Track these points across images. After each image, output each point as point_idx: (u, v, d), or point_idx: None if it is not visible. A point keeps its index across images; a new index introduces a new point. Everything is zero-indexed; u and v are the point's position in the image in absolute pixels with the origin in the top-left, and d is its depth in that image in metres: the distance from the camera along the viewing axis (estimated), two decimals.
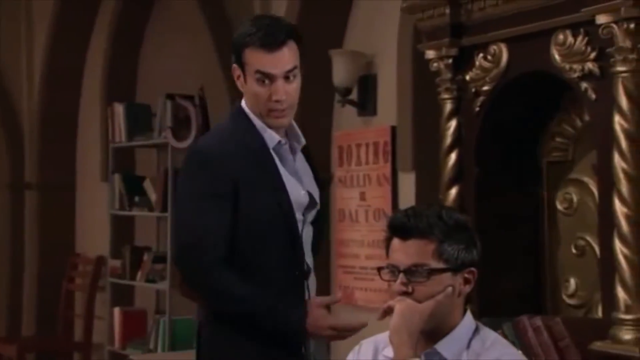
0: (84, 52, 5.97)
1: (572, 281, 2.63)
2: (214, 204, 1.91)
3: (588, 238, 2.58)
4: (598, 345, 2.20)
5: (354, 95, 3.72)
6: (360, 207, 3.76)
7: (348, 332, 1.96)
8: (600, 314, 2.51)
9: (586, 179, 2.61)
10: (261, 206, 1.93)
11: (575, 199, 2.64)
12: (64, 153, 6.04)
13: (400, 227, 1.70)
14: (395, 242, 1.69)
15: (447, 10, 2.68)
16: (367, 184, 3.72)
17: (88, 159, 5.92)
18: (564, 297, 2.66)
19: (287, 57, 1.94)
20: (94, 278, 5.51)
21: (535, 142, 2.74)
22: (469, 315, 1.68)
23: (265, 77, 1.94)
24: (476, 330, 1.68)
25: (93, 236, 5.78)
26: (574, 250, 2.63)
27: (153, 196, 4.94)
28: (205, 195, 1.92)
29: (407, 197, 3.49)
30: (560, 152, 2.70)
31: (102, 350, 5.42)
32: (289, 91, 1.96)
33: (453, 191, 2.72)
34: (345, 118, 3.89)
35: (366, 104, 3.71)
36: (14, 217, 6.13)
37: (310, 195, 2.02)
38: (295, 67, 1.96)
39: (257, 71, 1.94)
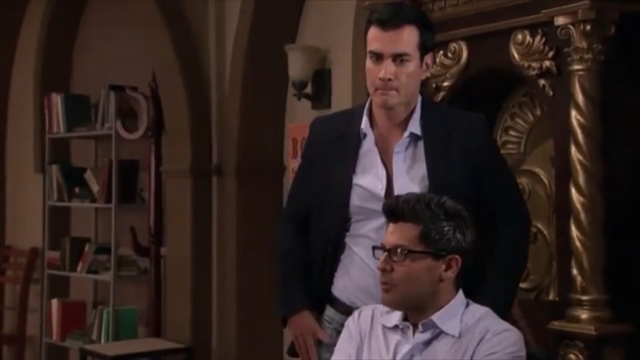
0: (14, 41, 5.84)
1: None
2: (300, 168, 2.25)
3: (539, 225, 2.75)
4: (555, 325, 2.37)
5: (308, 89, 3.81)
6: None
7: (306, 354, 2.11)
8: (550, 296, 2.70)
9: (537, 170, 2.79)
10: (319, 181, 2.11)
11: (527, 188, 2.81)
12: None
13: (390, 210, 1.82)
14: (389, 224, 1.81)
15: None
16: None
17: (20, 149, 5.79)
18: None
19: (400, 39, 1.96)
20: (28, 270, 5.41)
21: None
22: (460, 293, 1.82)
23: (375, 55, 1.99)
24: (467, 306, 1.81)
25: (25, 228, 5.67)
26: None
27: (95, 187, 4.90)
28: (301, 160, 2.27)
29: None
30: (513, 144, 2.87)
31: (36, 342, 5.34)
32: (398, 74, 1.97)
33: None
34: (299, 111, 3.98)
35: (321, 97, 3.81)
36: None
37: (389, 189, 2.02)
38: (406, 54, 1.97)
39: (370, 51, 2.00)
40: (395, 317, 1.83)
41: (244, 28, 4.06)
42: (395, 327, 1.82)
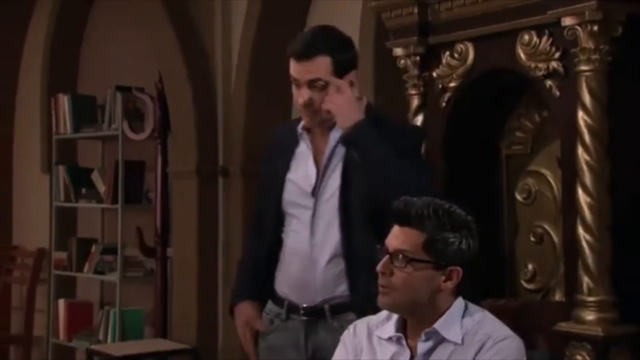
0: (22, 41, 5.85)
1: (530, 267, 2.79)
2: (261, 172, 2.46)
3: (546, 226, 2.75)
4: (562, 326, 2.36)
5: None
6: None
7: (245, 344, 2.30)
8: (556, 297, 2.69)
9: (544, 171, 2.78)
10: (266, 181, 2.35)
11: (533, 189, 2.81)
12: (1, 144, 5.91)
13: (396, 213, 1.81)
14: (395, 226, 1.81)
15: (415, 10, 2.81)
16: None
17: (27, 150, 5.81)
18: (522, 282, 2.82)
19: (312, 69, 2.18)
20: (35, 270, 5.43)
21: (496, 135, 2.89)
22: (459, 298, 1.80)
23: (295, 81, 2.23)
24: (466, 309, 1.80)
25: (32, 228, 5.68)
26: (532, 238, 2.79)
27: (102, 188, 4.91)
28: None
29: None
30: (519, 145, 2.86)
31: (43, 342, 5.35)
32: (315, 98, 2.20)
33: None
34: None
35: None
36: None
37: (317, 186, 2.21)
38: (319, 79, 2.18)
39: (291, 76, 2.24)
40: (390, 328, 1.81)
41: (250, 28, 4.07)
42: (390, 338, 1.80)
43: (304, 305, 2.21)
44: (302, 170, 2.23)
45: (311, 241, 2.19)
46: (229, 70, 4.22)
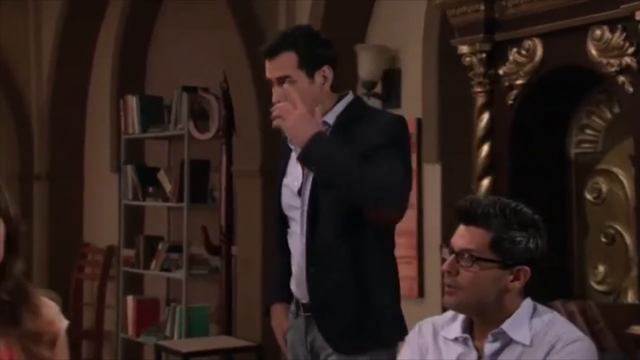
0: (93, 44, 6.00)
1: (601, 268, 2.72)
2: None
3: (617, 226, 2.67)
4: (635, 329, 2.29)
5: (378, 89, 3.81)
6: None
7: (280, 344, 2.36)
8: (629, 299, 2.61)
9: (615, 169, 2.71)
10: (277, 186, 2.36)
11: (604, 188, 2.73)
12: (73, 144, 6.07)
13: (462, 212, 1.79)
14: (460, 226, 1.78)
15: (482, 7, 2.77)
16: None
17: (97, 150, 5.96)
18: (593, 283, 2.75)
19: (278, 66, 2.19)
20: (105, 267, 5.56)
21: (564, 133, 2.83)
22: (527, 299, 1.77)
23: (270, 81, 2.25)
24: (535, 310, 1.77)
25: (102, 226, 5.82)
26: (603, 239, 2.72)
27: (168, 187, 5.00)
28: None
29: (432, 188, 3.58)
30: (589, 143, 2.79)
31: (113, 337, 5.48)
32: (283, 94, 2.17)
33: (485, 182, 2.81)
34: None
35: (390, 97, 3.80)
36: (23, 208, 6.14)
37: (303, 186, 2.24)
38: (286, 76, 2.17)
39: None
40: (456, 328, 1.79)
41: (314, 27, 4.07)
42: (456, 339, 1.78)
43: (303, 302, 2.25)
44: (293, 172, 2.27)
45: (301, 239, 2.23)
46: None
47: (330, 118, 2.21)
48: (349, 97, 2.26)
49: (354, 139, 2.14)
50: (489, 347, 1.73)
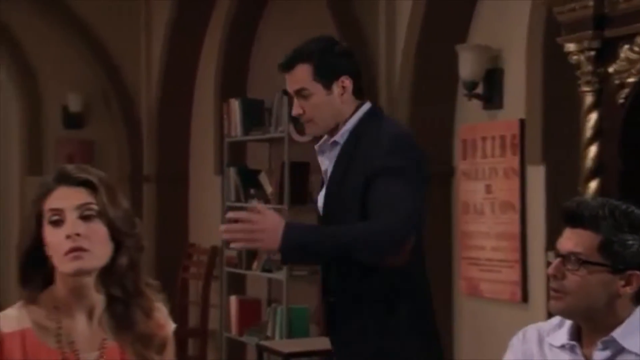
0: (199, 48, 6.16)
1: None
2: None
3: None
4: None
5: (479, 89, 3.74)
6: (486, 199, 3.78)
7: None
8: None
9: None
10: None
11: None
12: (179, 146, 6.26)
13: (568, 214, 1.73)
14: (567, 228, 1.73)
15: (591, 3, 2.68)
16: (493, 176, 3.75)
17: (201, 152, 6.12)
18: None
19: (294, 79, 2.19)
20: (209, 267, 5.70)
21: None
22: None
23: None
24: None
25: (206, 227, 5.97)
26: None
27: (269, 189, 5.08)
28: None
29: (536, 190, 3.49)
30: None
31: (217, 336, 5.62)
32: (305, 107, 2.18)
33: (593, 184, 2.72)
34: (469, 111, 3.92)
35: (492, 98, 3.73)
36: (133, 209, 6.37)
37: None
38: (303, 89, 2.17)
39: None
40: (563, 335, 1.72)
41: (414, 28, 4.05)
42: (563, 346, 1.72)
43: None
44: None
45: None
46: (393, 70, 4.21)
47: (342, 136, 2.19)
48: (365, 107, 2.24)
49: (356, 156, 2.15)
50: (599, 356, 1.67)
